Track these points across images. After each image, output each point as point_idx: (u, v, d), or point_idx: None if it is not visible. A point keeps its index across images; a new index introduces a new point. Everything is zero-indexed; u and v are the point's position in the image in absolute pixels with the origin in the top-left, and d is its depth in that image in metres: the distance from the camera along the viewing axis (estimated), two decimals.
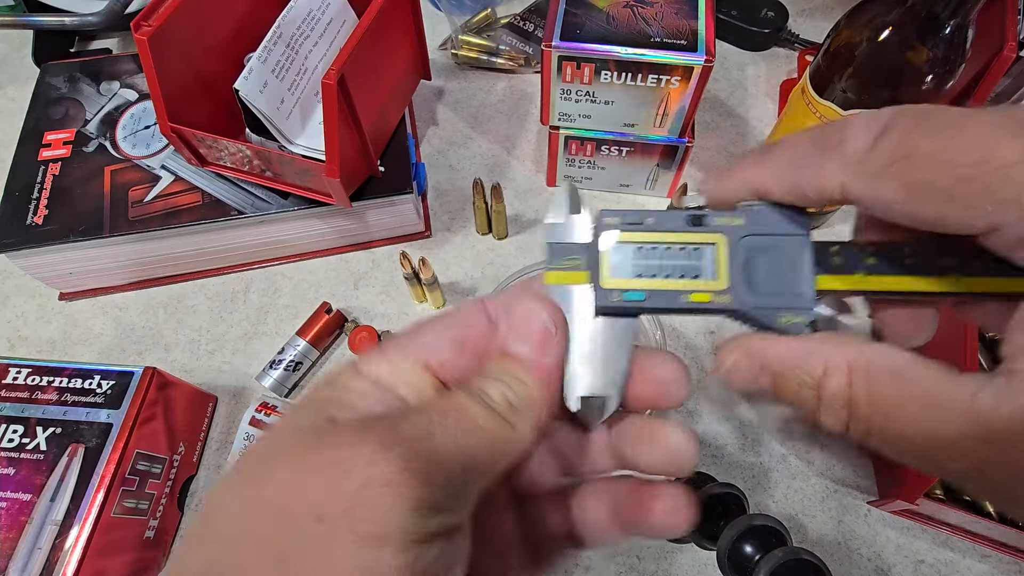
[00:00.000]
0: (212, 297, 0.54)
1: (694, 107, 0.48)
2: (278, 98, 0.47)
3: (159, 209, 0.49)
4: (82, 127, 0.53)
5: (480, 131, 0.62)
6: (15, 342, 0.52)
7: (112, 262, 0.51)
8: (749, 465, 0.46)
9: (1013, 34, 0.47)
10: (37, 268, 0.50)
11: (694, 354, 0.50)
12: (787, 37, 0.66)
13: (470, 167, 0.60)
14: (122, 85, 0.56)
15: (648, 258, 0.21)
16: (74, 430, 0.39)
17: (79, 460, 0.38)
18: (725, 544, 0.33)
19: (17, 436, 0.39)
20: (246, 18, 0.50)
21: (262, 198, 0.50)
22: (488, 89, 0.65)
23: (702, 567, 0.42)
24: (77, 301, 0.54)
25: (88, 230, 0.48)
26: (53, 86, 0.56)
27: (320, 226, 0.52)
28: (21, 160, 0.51)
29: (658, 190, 0.57)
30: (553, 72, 0.47)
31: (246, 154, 0.46)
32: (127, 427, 0.39)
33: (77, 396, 0.40)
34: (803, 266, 0.20)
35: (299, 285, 0.54)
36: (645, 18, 0.46)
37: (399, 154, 0.52)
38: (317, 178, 0.45)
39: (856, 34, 0.42)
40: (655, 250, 0.21)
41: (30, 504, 0.37)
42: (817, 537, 0.44)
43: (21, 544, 0.36)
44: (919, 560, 0.43)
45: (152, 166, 0.51)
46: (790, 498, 0.45)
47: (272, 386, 0.48)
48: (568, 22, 0.46)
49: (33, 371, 0.41)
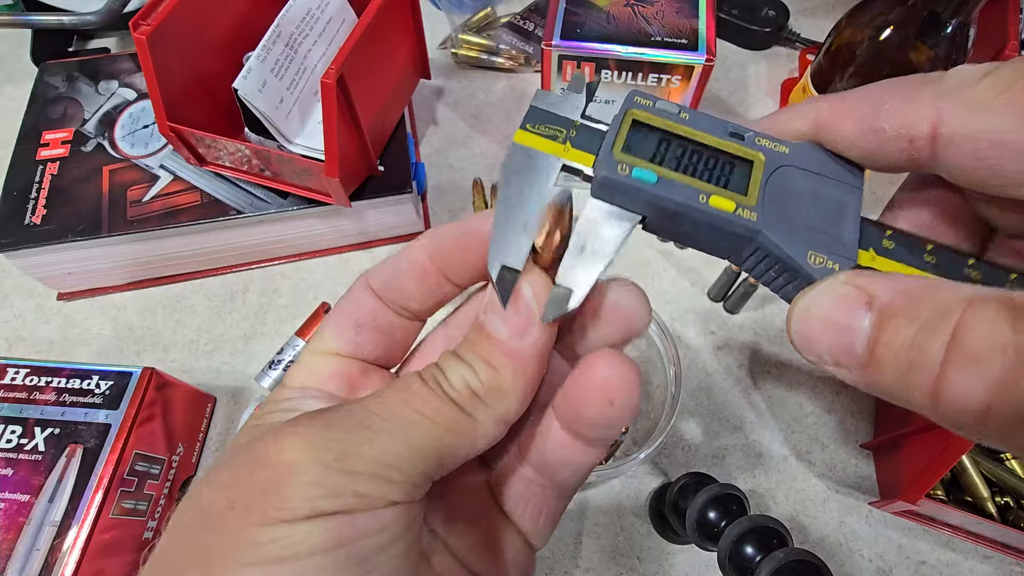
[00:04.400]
0: (211, 297, 0.54)
1: (695, 106, 0.48)
2: (277, 97, 0.47)
3: (158, 209, 0.49)
4: (80, 126, 0.53)
5: (480, 131, 0.62)
6: (13, 342, 0.52)
7: (110, 262, 0.51)
8: (750, 465, 0.46)
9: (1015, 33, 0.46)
10: (35, 268, 0.49)
11: (695, 355, 0.50)
12: (788, 36, 0.66)
13: (470, 167, 0.60)
14: (120, 84, 0.56)
15: (671, 151, 0.18)
16: (72, 430, 0.39)
17: (77, 461, 0.38)
18: (726, 545, 0.33)
19: (15, 436, 0.38)
20: (245, 17, 0.50)
21: (261, 198, 0.50)
22: (488, 88, 0.65)
23: (703, 568, 0.42)
24: (75, 301, 0.54)
25: (86, 230, 0.48)
26: (51, 85, 0.56)
27: (319, 226, 0.52)
28: (19, 159, 0.51)
29: None
30: (553, 71, 0.47)
31: (245, 153, 0.46)
32: (126, 427, 0.39)
33: (75, 396, 0.40)
34: (848, 214, 0.17)
35: (298, 285, 0.54)
36: (646, 17, 0.46)
37: (399, 154, 0.52)
38: (316, 178, 0.45)
39: (857, 33, 0.42)
40: (683, 146, 0.18)
41: (28, 505, 0.37)
42: (818, 538, 0.43)
43: (19, 545, 0.36)
44: (921, 561, 0.43)
45: (151, 166, 0.51)
46: (791, 499, 0.45)
47: (271, 386, 0.48)
48: (568, 21, 0.46)
49: (31, 371, 0.41)
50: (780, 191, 0.17)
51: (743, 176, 0.17)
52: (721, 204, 0.17)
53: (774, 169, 0.17)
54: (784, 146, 0.18)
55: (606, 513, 0.44)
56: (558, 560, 0.43)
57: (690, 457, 0.46)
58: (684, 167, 0.17)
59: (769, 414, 0.48)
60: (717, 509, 0.35)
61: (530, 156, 0.18)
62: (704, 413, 0.48)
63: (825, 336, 0.14)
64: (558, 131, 0.18)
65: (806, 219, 0.17)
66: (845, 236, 0.17)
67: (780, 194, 0.17)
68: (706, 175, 0.17)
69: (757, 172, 0.17)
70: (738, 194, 0.17)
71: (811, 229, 0.17)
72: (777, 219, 0.17)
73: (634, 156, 0.17)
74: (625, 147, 0.18)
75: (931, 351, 0.13)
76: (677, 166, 0.17)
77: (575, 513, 0.44)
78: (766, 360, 0.50)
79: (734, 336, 0.51)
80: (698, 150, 0.18)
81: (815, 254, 0.16)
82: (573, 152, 0.18)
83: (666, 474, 0.46)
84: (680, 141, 0.18)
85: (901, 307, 0.13)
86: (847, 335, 0.14)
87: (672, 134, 0.18)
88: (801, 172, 0.17)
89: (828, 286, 0.15)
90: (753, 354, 0.50)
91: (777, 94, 0.64)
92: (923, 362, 0.13)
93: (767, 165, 0.17)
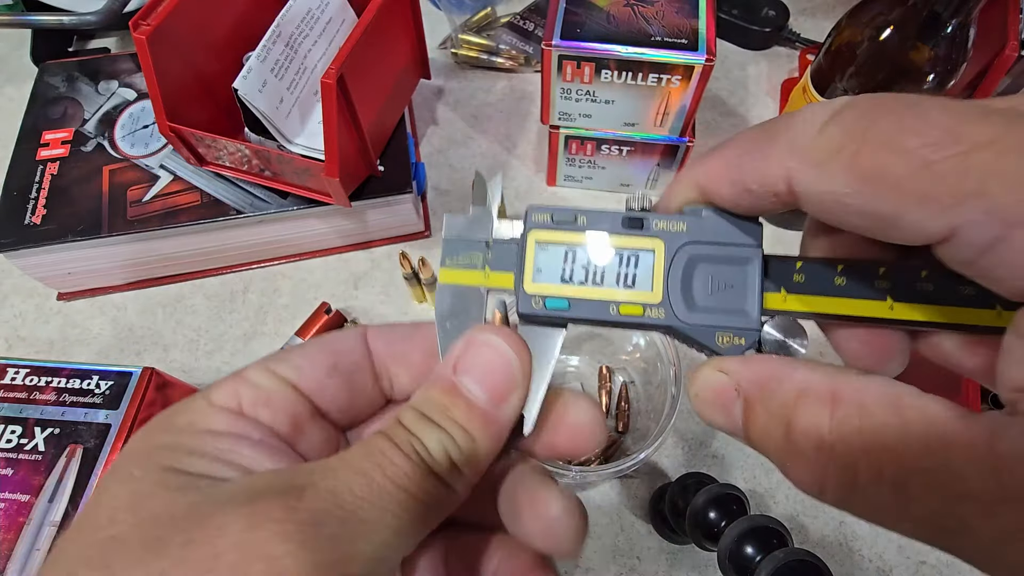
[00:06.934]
0: (211, 297, 0.54)
1: (695, 106, 0.48)
2: (277, 97, 0.47)
3: (158, 209, 0.49)
4: (80, 126, 0.53)
5: (480, 131, 0.62)
6: (13, 342, 0.52)
7: (110, 262, 0.51)
8: (749, 465, 0.46)
9: (1015, 33, 0.46)
10: (35, 268, 0.49)
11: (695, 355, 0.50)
12: (788, 36, 0.66)
13: (470, 167, 0.60)
14: (120, 84, 0.56)
15: (577, 262, 0.18)
16: (72, 430, 0.39)
17: (77, 461, 0.38)
18: (726, 545, 0.33)
19: (15, 436, 0.38)
20: (245, 17, 0.50)
21: (261, 198, 0.50)
22: (488, 88, 0.65)
23: (703, 568, 0.42)
24: (75, 301, 0.54)
25: (86, 230, 0.48)
26: (51, 85, 0.56)
27: (319, 226, 0.52)
28: (19, 159, 0.51)
29: (659, 189, 0.57)
30: (553, 71, 0.47)
31: (245, 153, 0.46)
32: (126, 427, 0.39)
33: (75, 396, 0.40)
34: (750, 281, 0.18)
35: (298, 285, 0.54)
36: (646, 17, 0.46)
37: (399, 154, 0.52)
38: (316, 178, 0.45)
39: (858, 33, 0.42)
40: (586, 254, 0.18)
41: (28, 505, 0.37)
42: (818, 538, 0.43)
43: (19, 545, 0.36)
44: (921, 561, 0.43)
45: (151, 165, 0.51)
46: (791, 499, 0.45)
47: None
48: (568, 21, 0.46)
49: (31, 371, 0.41)
50: (683, 276, 0.18)
51: (647, 269, 0.18)
52: (630, 311, 0.18)
53: (675, 252, 0.18)
54: (681, 223, 0.18)
55: (606, 513, 0.44)
56: (558, 560, 0.43)
57: (690, 457, 0.46)
58: (591, 278, 0.18)
59: None
60: (717, 509, 0.35)
61: (459, 292, 0.19)
62: None
63: (716, 417, 0.17)
64: (475, 257, 0.19)
65: (709, 301, 0.18)
66: (747, 307, 0.18)
67: (683, 279, 0.18)
68: (613, 279, 0.18)
69: (659, 263, 0.18)
70: (646, 292, 0.18)
71: (715, 310, 0.18)
72: (684, 309, 0.18)
73: (545, 283, 0.18)
74: (536, 272, 0.18)
75: (776, 440, 0.15)
76: (584, 278, 0.18)
77: None
78: None
79: None
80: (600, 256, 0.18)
81: (722, 335, 0.18)
82: (494, 276, 0.19)
83: (666, 474, 0.46)
84: (583, 251, 0.19)
85: (756, 397, 0.16)
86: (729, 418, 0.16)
87: (574, 245, 0.19)
88: (702, 246, 0.18)
89: (705, 376, 0.17)
90: None
91: (777, 94, 0.64)
92: (775, 448, 0.15)
93: (667, 251, 0.18)
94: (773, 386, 0.16)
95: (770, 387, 0.16)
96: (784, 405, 0.15)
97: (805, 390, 0.15)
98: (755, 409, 0.16)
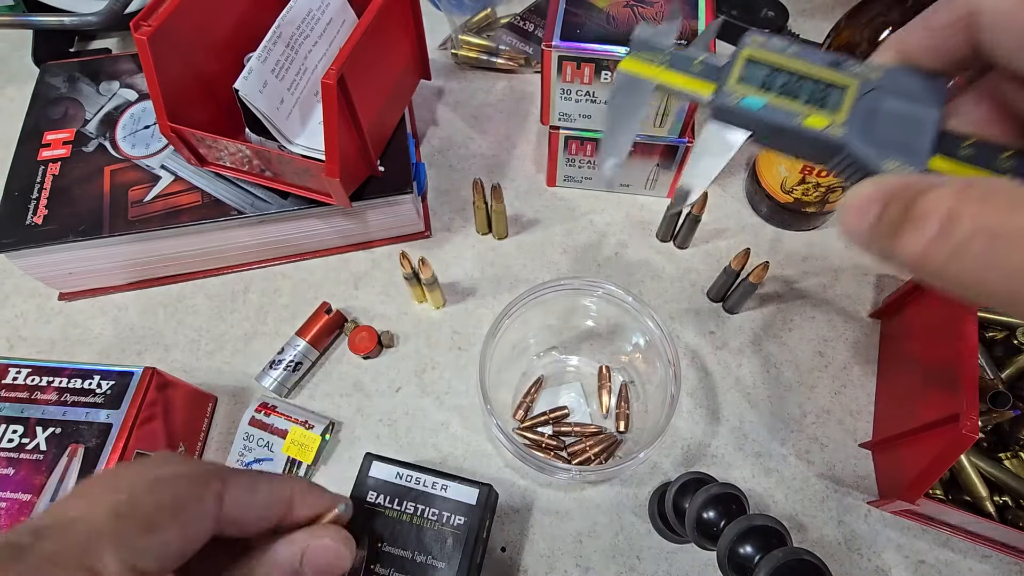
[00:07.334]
0: (212, 297, 0.54)
1: (694, 107, 0.48)
2: (278, 98, 0.47)
3: (159, 209, 0.49)
4: (82, 127, 0.53)
5: (480, 131, 0.62)
6: (15, 342, 0.52)
7: (112, 262, 0.51)
8: (749, 465, 0.46)
9: None
10: (36, 268, 0.50)
11: (694, 355, 0.50)
12: (787, 36, 0.66)
13: (470, 167, 0.60)
14: (122, 85, 0.56)
15: (779, 79, 0.22)
16: (74, 430, 0.39)
17: (79, 460, 0.38)
18: (725, 544, 0.33)
19: (17, 436, 0.39)
20: (246, 18, 0.50)
21: (262, 198, 0.50)
22: (488, 89, 0.65)
23: (702, 567, 0.42)
24: (77, 301, 0.54)
25: (88, 230, 0.48)
26: (53, 86, 0.56)
27: (320, 226, 0.52)
28: (21, 160, 0.51)
29: (658, 190, 0.57)
30: (553, 72, 0.47)
31: (246, 154, 0.46)
32: (127, 427, 0.39)
33: (77, 396, 0.40)
34: (925, 129, 0.20)
35: (299, 285, 0.54)
36: (645, 18, 0.46)
37: (399, 154, 0.52)
38: (317, 178, 0.45)
39: (856, 34, 0.42)
40: (788, 76, 0.22)
41: (30, 504, 0.37)
42: (817, 537, 0.43)
43: None
44: (920, 560, 0.43)
45: (152, 166, 0.51)
46: (790, 498, 0.45)
47: (272, 386, 0.48)
48: (568, 22, 0.46)
49: (33, 371, 0.41)
50: (868, 111, 0.21)
51: (838, 98, 0.21)
52: (814, 123, 0.21)
53: (865, 92, 0.21)
54: (877, 71, 0.21)
55: (606, 513, 0.44)
56: (558, 560, 0.43)
57: (690, 457, 0.46)
58: (787, 92, 0.22)
59: (769, 414, 0.48)
60: (716, 509, 0.36)
61: (631, 80, 0.24)
62: (704, 413, 0.48)
63: (852, 218, 0.18)
64: (656, 57, 0.24)
65: (886, 135, 0.20)
66: (918, 148, 0.20)
67: (868, 113, 0.21)
68: (805, 98, 0.22)
69: (850, 95, 0.21)
70: (832, 112, 0.21)
71: (889, 144, 0.20)
72: (862, 134, 0.21)
73: (747, 85, 0.22)
74: (740, 79, 0.23)
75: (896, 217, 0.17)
76: (781, 91, 0.22)
77: (575, 513, 0.44)
78: (765, 360, 0.50)
79: (733, 336, 0.51)
80: (800, 78, 0.22)
81: (889, 161, 0.20)
82: (666, 74, 0.25)
83: (666, 474, 0.46)
84: (786, 72, 0.22)
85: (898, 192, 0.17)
86: (864, 217, 0.18)
87: (779, 66, 0.22)
88: (890, 94, 0.21)
89: (863, 185, 0.18)
90: (752, 354, 0.50)
91: None
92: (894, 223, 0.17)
93: (860, 89, 0.21)
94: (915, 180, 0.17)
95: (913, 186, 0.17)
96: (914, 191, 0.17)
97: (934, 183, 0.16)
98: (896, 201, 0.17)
